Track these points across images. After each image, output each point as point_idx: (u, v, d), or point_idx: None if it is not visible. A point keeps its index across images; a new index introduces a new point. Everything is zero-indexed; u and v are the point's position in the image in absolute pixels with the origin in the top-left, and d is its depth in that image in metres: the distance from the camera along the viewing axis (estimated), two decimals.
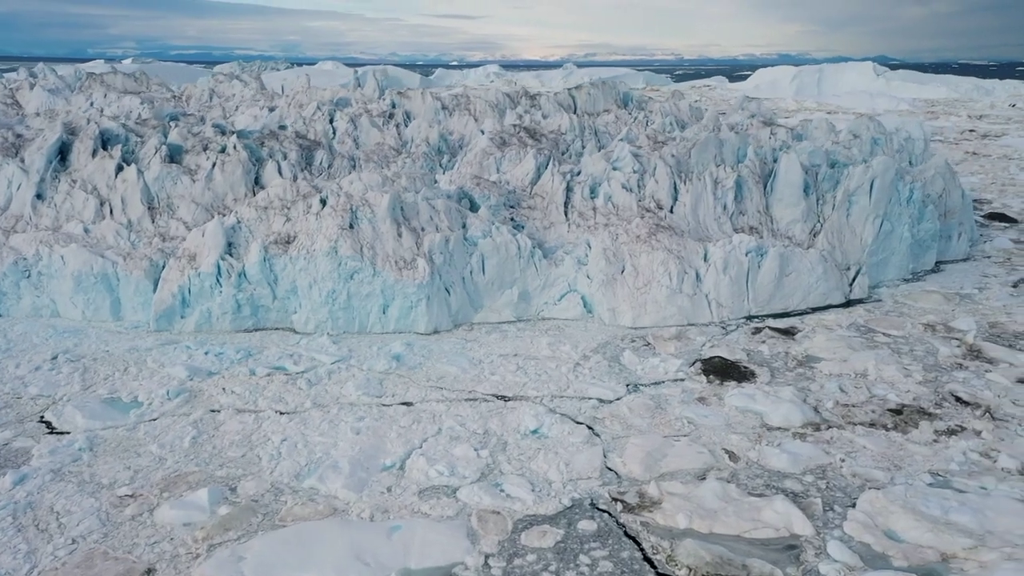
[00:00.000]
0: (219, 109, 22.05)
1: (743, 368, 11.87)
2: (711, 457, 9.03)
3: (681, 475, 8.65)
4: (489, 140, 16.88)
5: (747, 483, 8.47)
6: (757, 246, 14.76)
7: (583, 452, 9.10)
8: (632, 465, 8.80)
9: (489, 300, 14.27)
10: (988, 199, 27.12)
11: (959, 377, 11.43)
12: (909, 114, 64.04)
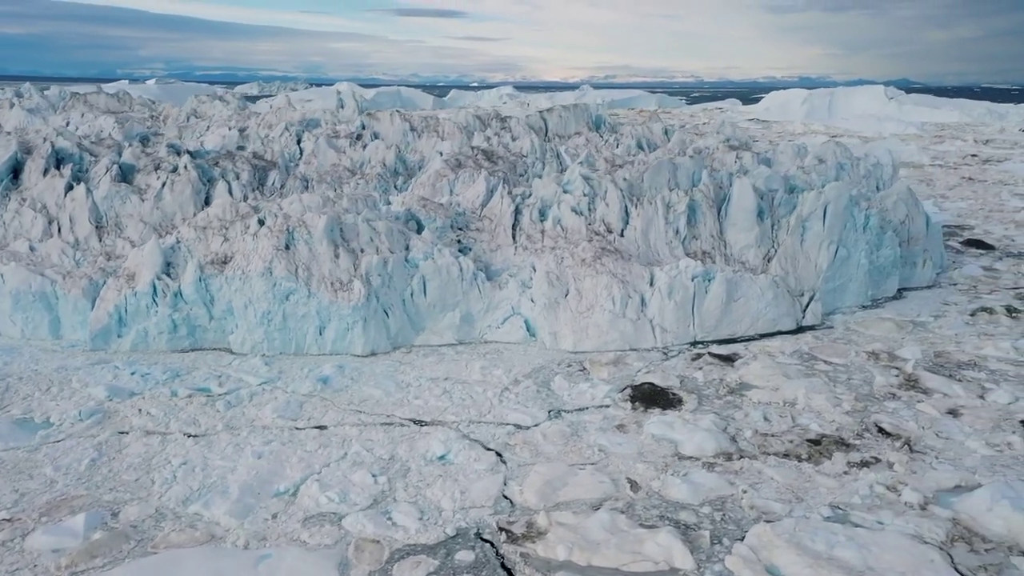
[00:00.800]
0: (191, 130, 22.25)
1: (672, 395, 11.71)
2: (612, 487, 8.87)
3: (576, 505, 8.50)
4: (444, 162, 16.90)
5: (641, 514, 8.31)
6: (704, 271, 14.65)
7: (483, 480, 8.98)
8: (528, 494, 8.66)
9: (431, 322, 14.21)
10: (971, 225, 26.87)
11: (889, 407, 11.22)
12: (916, 138, 63.82)
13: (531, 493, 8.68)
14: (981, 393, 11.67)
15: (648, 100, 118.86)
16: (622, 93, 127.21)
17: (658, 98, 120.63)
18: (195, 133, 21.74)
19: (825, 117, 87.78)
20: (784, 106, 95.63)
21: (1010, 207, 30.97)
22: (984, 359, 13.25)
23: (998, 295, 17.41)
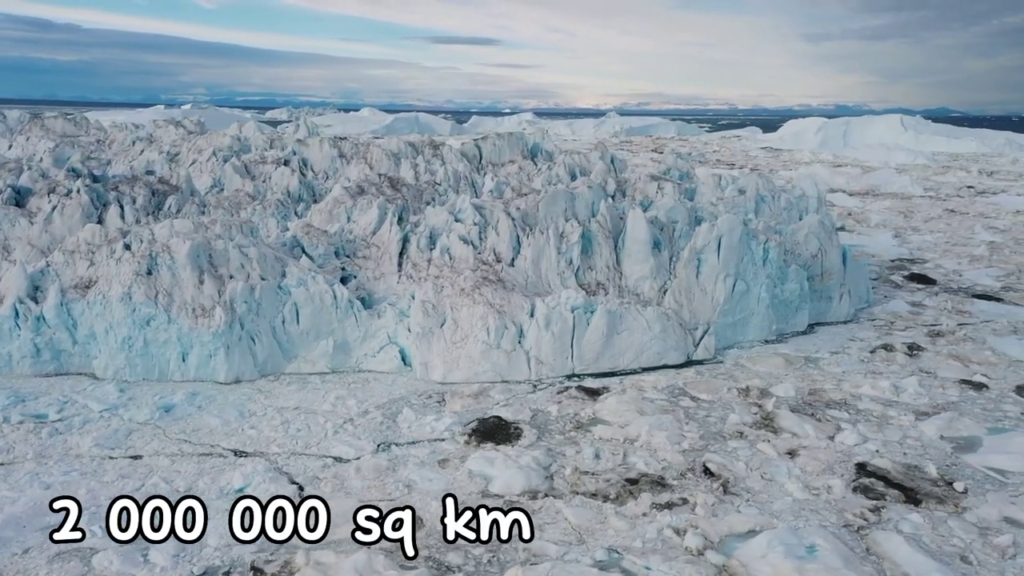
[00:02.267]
0: (124, 154, 22.50)
1: (514, 429, 11.46)
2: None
3: (346, 543, 8.26)
4: (343, 189, 16.88)
5: (409, 554, 8.05)
6: (585, 302, 14.42)
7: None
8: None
9: (304, 350, 14.08)
10: (926, 259, 26.42)
11: (729, 447, 10.89)
12: (923, 168, 63.11)
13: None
14: (832, 434, 11.31)
15: (667, 128, 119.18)
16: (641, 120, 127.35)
17: (677, 126, 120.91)
18: (128, 157, 21.98)
19: (839, 146, 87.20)
20: (799, 135, 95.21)
21: (976, 240, 30.40)
22: (857, 398, 12.87)
23: (910, 332, 16.99)
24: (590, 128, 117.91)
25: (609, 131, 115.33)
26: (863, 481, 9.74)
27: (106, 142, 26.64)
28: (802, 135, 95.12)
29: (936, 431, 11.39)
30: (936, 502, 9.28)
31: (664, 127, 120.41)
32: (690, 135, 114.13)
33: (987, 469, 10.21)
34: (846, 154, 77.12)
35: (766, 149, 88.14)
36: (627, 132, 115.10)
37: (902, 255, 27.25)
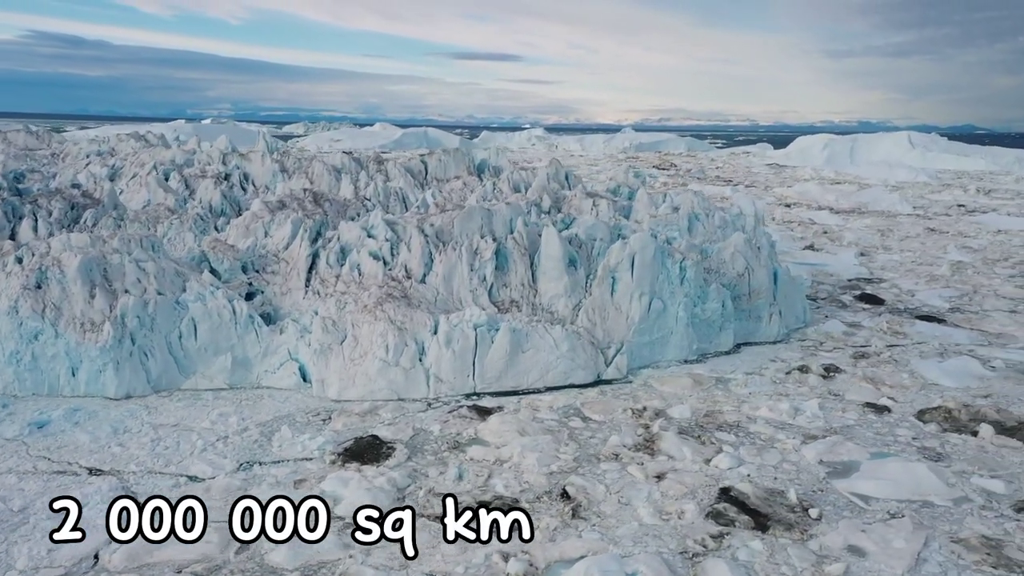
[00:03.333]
0: (69, 168, 22.57)
1: (386, 449, 11.26)
2: (216, 548, 8.44)
3: (161, 567, 8.08)
4: (262, 204, 16.82)
5: None
6: (488, 320, 14.25)
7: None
8: (116, 558, 8.25)
9: (202, 366, 13.95)
10: (882, 279, 26.11)
11: (599, 469, 10.67)
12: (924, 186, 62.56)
13: (119, 557, 8.27)
14: (710, 457, 11.05)
15: (677, 144, 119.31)
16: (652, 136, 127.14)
17: (687, 142, 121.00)
18: (74, 171, 22.03)
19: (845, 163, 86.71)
20: (805, 151, 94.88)
21: (944, 260, 30.01)
22: (752, 420, 12.61)
23: (836, 353, 16.70)
24: (600, 144, 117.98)
25: (619, 147, 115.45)
26: (719, 506, 9.48)
27: (60, 155, 26.76)
28: (808, 152, 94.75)
29: (816, 455, 11.13)
30: (784, 529, 9.01)
31: (674, 143, 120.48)
32: (699, 151, 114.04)
33: (852, 495, 9.93)
34: (848, 171, 76.68)
35: (771, 166, 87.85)
36: (637, 148, 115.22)
37: (861, 274, 26.95)
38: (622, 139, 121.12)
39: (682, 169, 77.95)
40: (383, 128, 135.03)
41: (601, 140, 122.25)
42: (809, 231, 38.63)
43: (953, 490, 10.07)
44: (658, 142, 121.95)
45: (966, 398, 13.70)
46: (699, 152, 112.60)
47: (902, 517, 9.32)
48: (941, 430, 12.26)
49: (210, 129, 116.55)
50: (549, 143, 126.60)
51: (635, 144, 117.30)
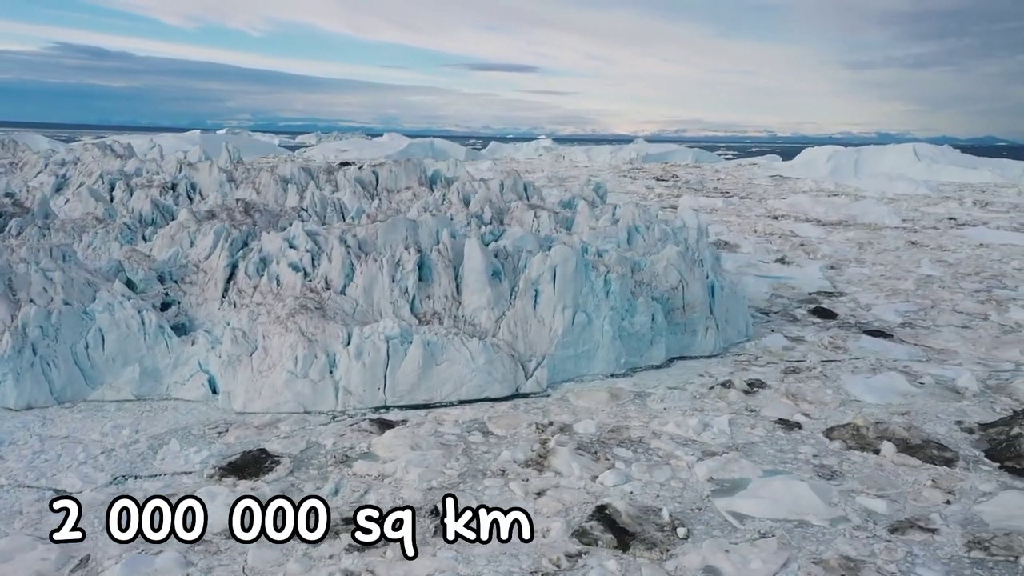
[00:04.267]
0: (21, 176, 22.62)
1: (271, 463, 11.10)
2: (53, 566, 8.27)
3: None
4: (189, 214, 16.75)
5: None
6: (401, 332, 14.10)
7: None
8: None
9: (110, 377, 13.83)
10: (844, 292, 25.87)
11: (481, 486, 10.49)
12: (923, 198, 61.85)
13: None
14: (599, 473, 10.84)
15: (684, 155, 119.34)
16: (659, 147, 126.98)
17: (695, 153, 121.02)
18: (20, 180, 22.06)
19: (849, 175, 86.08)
20: (810, 163, 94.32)
21: (915, 274, 29.70)
22: (657, 436, 12.40)
23: (768, 368, 16.47)
24: (607, 155, 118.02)
25: (625, 158, 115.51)
26: (588, 524, 9.27)
27: (18, 164, 26.83)
28: (813, 163, 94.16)
29: (708, 473, 10.90)
30: (645, 548, 8.79)
31: (681, 154, 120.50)
32: (706, 162, 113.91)
33: (729, 514, 9.70)
34: (850, 183, 76.11)
35: (775, 177, 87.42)
36: (644, 159, 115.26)
37: (823, 288, 26.70)
38: (629, 150, 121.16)
39: (682, 180, 77.69)
40: (391, 138, 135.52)
41: (608, 151, 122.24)
42: (787, 244, 38.39)
43: (833, 509, 9.83)
44: (665, 153, 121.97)
45: (882, 415, 13.45)
46: (705, 163, 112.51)
47: (770, 537, 9.09)
48: (845, 447, 12.01)
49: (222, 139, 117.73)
50: (556, 154, 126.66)
51: (642, 155, 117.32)
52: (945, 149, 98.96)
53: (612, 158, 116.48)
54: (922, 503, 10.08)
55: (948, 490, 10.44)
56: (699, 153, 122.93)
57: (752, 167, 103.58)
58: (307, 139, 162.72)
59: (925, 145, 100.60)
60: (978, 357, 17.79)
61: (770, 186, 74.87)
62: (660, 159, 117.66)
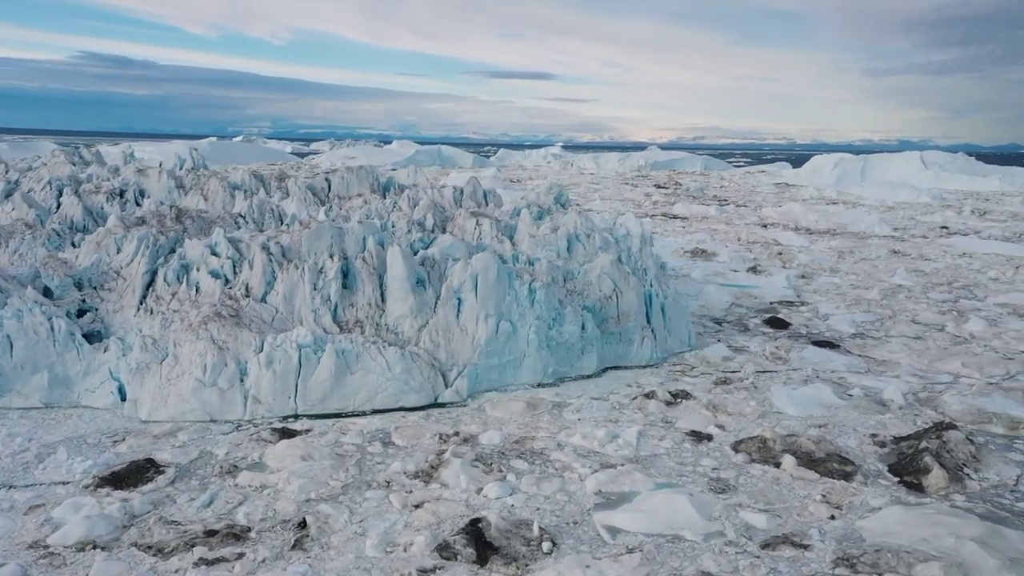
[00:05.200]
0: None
1: (154, 473, 10.94)
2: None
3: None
4: (118, 220, 16.67)
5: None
6: (314, 340, 13.95)
7: None
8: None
9: (19, 384, 13.72)
10: (806, 302, 25.59)
11: (361, 497, 10.32)
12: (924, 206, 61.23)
13: None
14: (483, 485, 10.62)
15: (693, 163, 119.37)
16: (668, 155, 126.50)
17: (704, 161, 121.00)
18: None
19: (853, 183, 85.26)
20: (816, 171, 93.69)
21: (883, 285, 29.34)
22: (560, 447, 12.19)
23: (700, 378, 16.23)
24: (615, 162, 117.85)
25: (633, 165, 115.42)
26: (454, 538, 9.06)
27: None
28: (819, 171, 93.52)
29: (597, 486, 10.69)
30: (504, 563, 8.59)
31: (690, 162, 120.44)
32: (715, 170, 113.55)
33: (604, 528, 9.49)
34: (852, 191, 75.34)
35: (779, 185, 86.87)
36: (652, 166, 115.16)
37: (786, 297, 26.42)
38: (637, 157, 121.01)
39: (683, 188, 77.18)
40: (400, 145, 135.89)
41: (616, 159, 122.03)
42: (765, 252, 38.08)
43: (711, 524, 9.60)
44: (674, 160, 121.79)
45: (799, 428, 13.21)
46: (714, 171, 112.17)
47: (636, 552, 8.86)
48: (749, 460, 11.77)
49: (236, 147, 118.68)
50: (564, 161, 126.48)
51: (650, 162, 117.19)
52: (958, 157, 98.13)
53: (620, 165, 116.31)
54: (805, 518, 9.84)
55: (836, 505, 10.19)
56: (708, 160, 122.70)
57: (759, 175, 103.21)
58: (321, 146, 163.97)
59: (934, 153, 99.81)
60: (919, 369, 17.50)
61: (771, 194, 74.35)
62: (668, 166, 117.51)
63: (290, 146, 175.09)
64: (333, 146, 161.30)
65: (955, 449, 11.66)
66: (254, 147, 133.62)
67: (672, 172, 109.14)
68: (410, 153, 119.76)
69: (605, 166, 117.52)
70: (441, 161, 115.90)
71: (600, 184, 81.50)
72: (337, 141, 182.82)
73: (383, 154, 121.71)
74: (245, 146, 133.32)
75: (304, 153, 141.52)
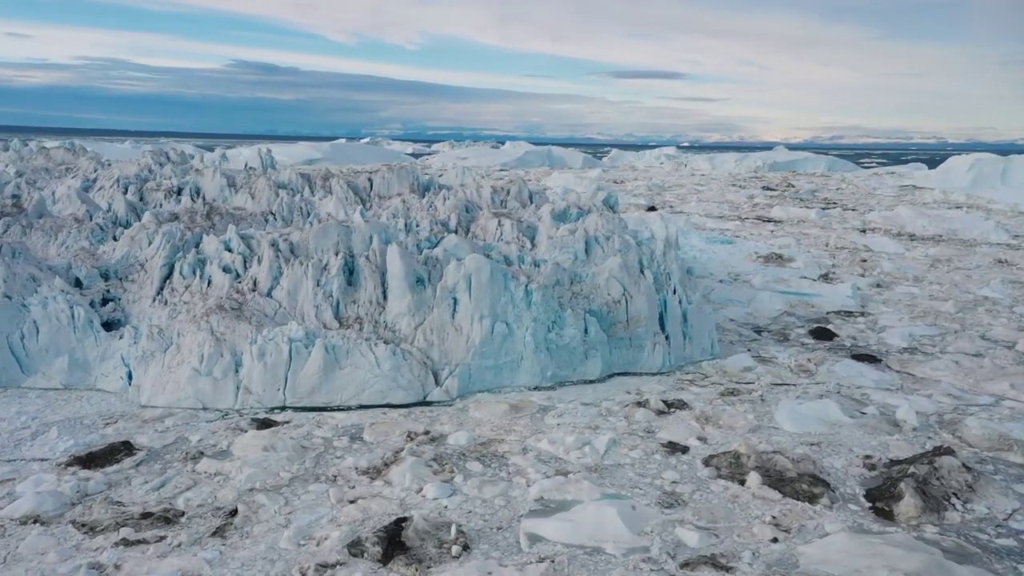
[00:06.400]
0: (58, 181, 24.63)
1: (124, 455, 11.55)
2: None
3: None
4: (152, 216, 17.69)
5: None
6: (305, 335, 14.34)
7: None
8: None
9: (44, 366, 14.81)
10: (867, 313, 24.10)
11: (303, 490, 10.50)
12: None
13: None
14: (425, 485, 10.60)
15: (816, 163, 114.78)
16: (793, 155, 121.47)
17: (827, 161, 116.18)
18: (56, 183, 24.02)
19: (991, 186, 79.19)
20: (949, 172, 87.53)
21: (967, 297, 27.20)
22: (523, 452, 12.00)
23: (708, 389, 15.57)
24: (731, 163, 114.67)
25: (750, 166, 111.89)
26: (369, 536, 9.08)
27: (73, 169, 29.12)
28: (953, 172, 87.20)
29: (540, 492, 10.46)
30: (405, 564, 8.54)
31: (813, 163, 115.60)
32: (840, 171, 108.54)
33: (525, 535, 9.26)
34: (985, 194, 69.86)
35: (904, 187, 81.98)
36: (770, 167, 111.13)
37: (847, 306, 24.94)
38: (755, 158, 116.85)
39: (792, 190, 74.11)
40: (513, 146, 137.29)
41: (733, 159, 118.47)
42: (848, 259, 36.05)
43: (639, 539, 9.18)
44: (795, 161, 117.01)
45: (788, 444, 12.45)
46: (839, 172, 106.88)
47: (546, 562, 8.59)
48: (715, 475, 11.18)
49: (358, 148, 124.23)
50: (677, 162, 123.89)
51: (768, 163, 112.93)
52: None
53: (736, 167, 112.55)
54: (744, 539, 9.25)
55: (786, 528, 9.53)
56: (833, 161, 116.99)
57: (887, 176, 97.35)
58: (441, 147, 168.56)
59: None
60: (960, 388, 16.09)
61: (889, 197, 69.79)
62: (788, 167, 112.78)
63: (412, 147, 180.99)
64: (453, 146, 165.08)
65: (947, 476, 10.66)
66: (375, 148, 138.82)
67: (790, 173, 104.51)
68: (520, 154, 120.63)
69: (720, 167, 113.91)
70: (551, 162, 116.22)
71: (706, 186, 79.02)
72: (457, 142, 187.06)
73: (494, 155, 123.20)
74: (366, 147, 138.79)
75: (421, 154, 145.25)
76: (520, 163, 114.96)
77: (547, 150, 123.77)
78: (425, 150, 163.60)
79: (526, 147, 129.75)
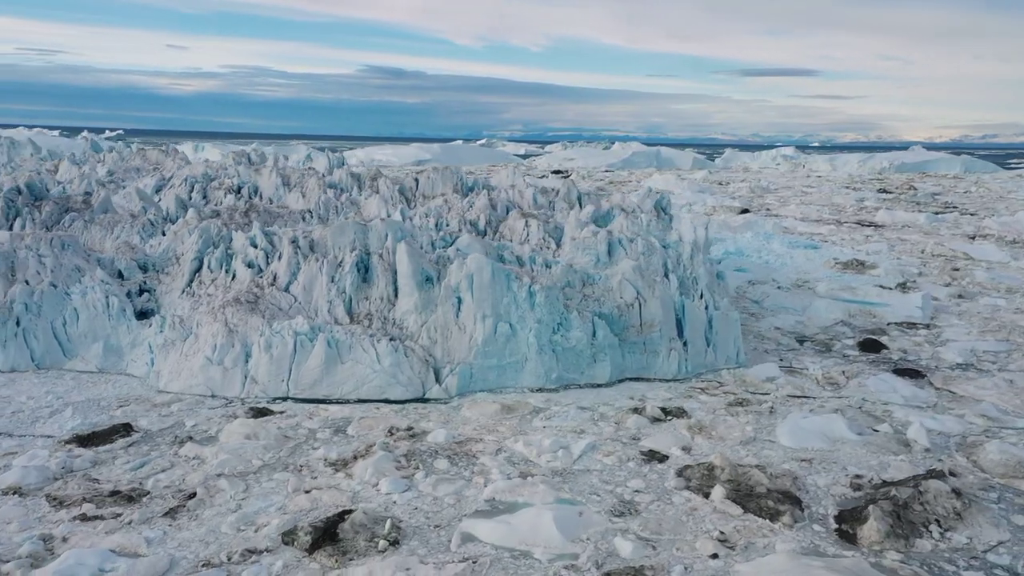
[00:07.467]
0: (139, 180, 26.40)
1: (121, 436, 12.30)
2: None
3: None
4: (195, 213, 18.72)
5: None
6: (310, 329, 14.84)
7: None
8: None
9: (83, 350, 15.98)
10: (933, 326, 22.60)
11: (265, 478, 10.89)
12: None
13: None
14: (382, 479, 10.77)
15: (951, 164, 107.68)
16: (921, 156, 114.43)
17: (964, 161, 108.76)
18: (136, 182, 25.76)
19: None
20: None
21: None
22: (496, 453, 11.98)
23: (716, 398, 15.03)
24: (854, 164, 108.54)
25: (875, 167, 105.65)
26: (304, 526, 9.32)
27: (160, 169, 31.09)
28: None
29: (493, 494, 10.42)
30: (328, 555, 8.72)
31: (947, 163, 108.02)
32: (976, 171, 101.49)
33: (459, 535, 9.25)
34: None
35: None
36: (897, 168, 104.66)
37: (912, 318, 23.39)
38: (881, 159, 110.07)
39: (911, 192, 70.12)
40: (621, 147, 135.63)
41: (856, 160, 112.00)
42: (938, 268, 33.83)
43: (571, 545, 9.00)
44: (927, 162, 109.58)
45: (777, 458, 11.87)
46: (974, 173, 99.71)
47: (468, 563, 8.57)
48: (682, 487, 10.80)
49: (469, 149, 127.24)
50: (795, 162, 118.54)
51: (896, 164, 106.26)
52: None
53: (859, 168, 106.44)
54: (683, 553, 8.91)
55: (732, 544, 9.10)
56: (971, 162, 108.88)
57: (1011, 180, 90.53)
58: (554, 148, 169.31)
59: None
60: (1003, 409, 14.83)
61: (1021, 200, 64.59)
62: (919, 168, 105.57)
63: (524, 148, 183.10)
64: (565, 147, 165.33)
65: (932, 502, 9.89)
66: (486, 149, 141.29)
67: (917, 175, 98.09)
68: (627, 155, 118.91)
69: (841, 168, 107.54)
70: (658, 163, 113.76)
71: (816, 188, 75.24)
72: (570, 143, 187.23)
73: (601, 155, 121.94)
74: (477, 148, 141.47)
75: (531, 155, 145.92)
76: (626, 164, 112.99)
77: (656, 151, 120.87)
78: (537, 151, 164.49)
79: (635, 148, 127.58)
